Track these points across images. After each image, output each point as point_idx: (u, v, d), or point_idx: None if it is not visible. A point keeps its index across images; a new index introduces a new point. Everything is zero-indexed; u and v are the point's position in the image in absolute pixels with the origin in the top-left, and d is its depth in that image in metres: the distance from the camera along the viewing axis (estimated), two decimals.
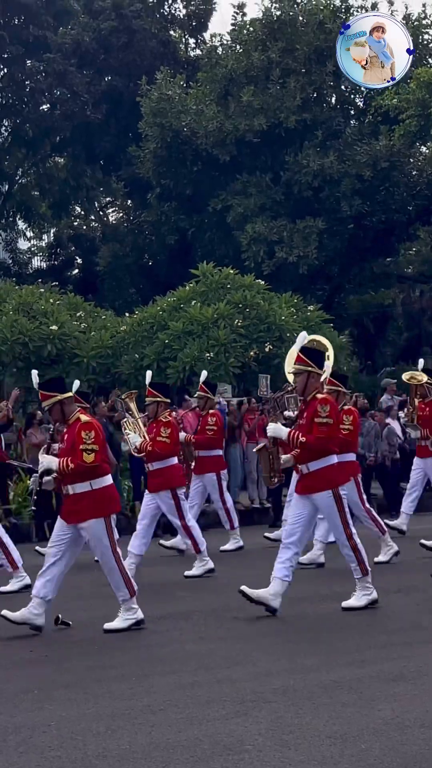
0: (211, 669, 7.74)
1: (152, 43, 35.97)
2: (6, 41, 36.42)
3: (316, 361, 10.22)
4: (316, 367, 10.17)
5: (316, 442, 9.83)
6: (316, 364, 10.19)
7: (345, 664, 7.74)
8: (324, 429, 9.85)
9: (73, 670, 7.96)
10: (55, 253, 44.39)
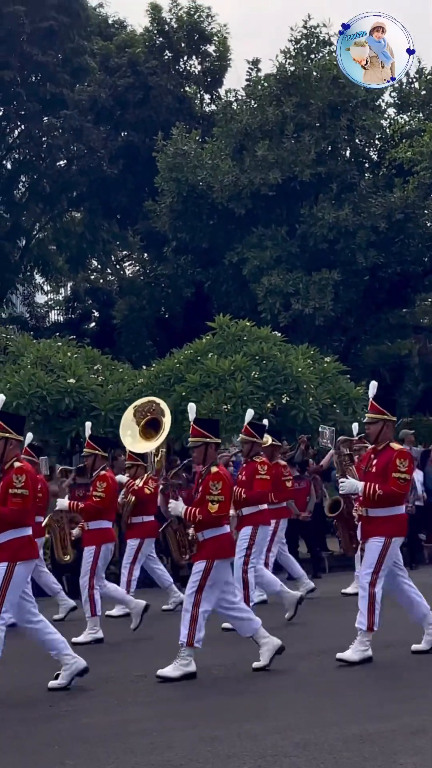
0: (232, 723, 7.71)
1: (168, 99, 36.37)
2: (23, 98, 36.90)
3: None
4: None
5: None
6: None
7: (366, 717, 7.69)
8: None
9: (94, 725, 7.93)
10: (72, 307, 44.67)
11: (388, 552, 9.87)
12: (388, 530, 9.89)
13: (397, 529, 10.04)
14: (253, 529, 12.60)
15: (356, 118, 30.21)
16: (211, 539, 9.86)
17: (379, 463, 9.99)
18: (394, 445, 10.08)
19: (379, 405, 10.24)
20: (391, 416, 10.19)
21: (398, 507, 10.02)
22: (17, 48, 36.15)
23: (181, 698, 8.76)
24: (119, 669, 10.10)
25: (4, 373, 23.32)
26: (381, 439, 10.13)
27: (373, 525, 9.96)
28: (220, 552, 9.81)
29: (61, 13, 36.88)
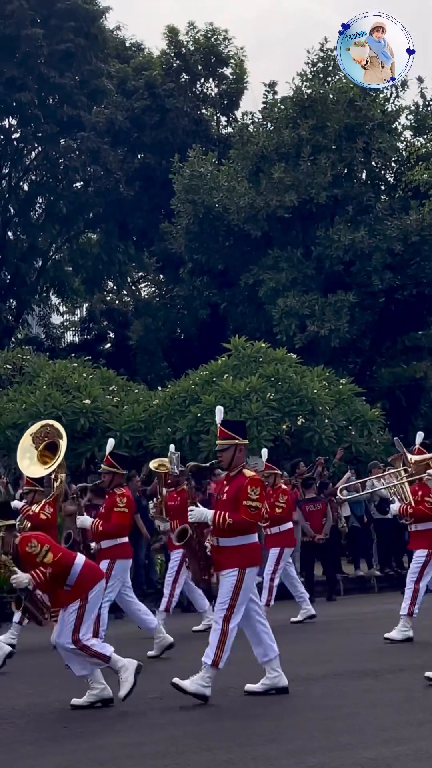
0: (246, 746, 7.66)
1: (184, 121, 36.53)
2: (41, 120, 37.09)
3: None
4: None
5: None
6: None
7: (381, 741, 7.65)
8: None
9: (107, 746, 7.90)
10: (88, 328, 44.77)
11: (243, 584, 9.43)
12: (240, 561, 9.47)
13: (249, 559, 9.60)
14: (110, 563, 12.19)
15: (372, 140, 30.28)
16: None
17: (230, 491, 9.62)
18: (247, 472, 9.68)
19: (228, 430, 9.82)
20: (242, 440, 9.77)
21: (250, 536, 9.61)
22: (35, 70, 36.36)
23: (196, 721, 8.72)
24: (134, 690, 10.06)
25: (20, 393, 23.39)
26: (233, 465, 9.75)
27: (224, 555, 9.57)
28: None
29: (79, 36, 37.10)
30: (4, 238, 40.11)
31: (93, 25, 38.28)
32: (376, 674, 10.32)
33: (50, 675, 11.59)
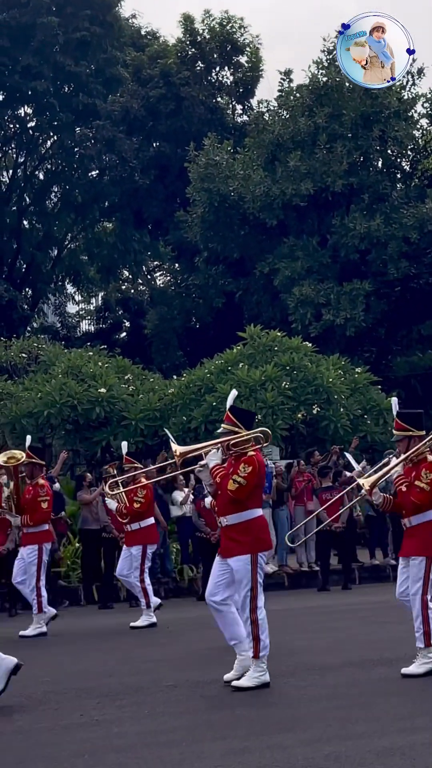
0: (262, 735, 7.67)
1: (200, 109, 36.45)
2: (56, 109, 37.08)
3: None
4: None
5: None
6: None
7: (397, 730, 7.65)
8: None
9: (124, 734, 7.92)
10: (104, 317, 44.79)
11: None
12: None
13: None
14: None
15: (388, 128, 30.18)
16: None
17: None
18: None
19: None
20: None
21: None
22: (50, 58, 36.34)
23: (211, 709, 8.74)
24: (150, 679, 10.09)
25: (36, 382, 23.42)
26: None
27: None
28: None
29: (95, 24, 37.06)
30: (20, 227, 40.14)
31: (108, 14, 38.23)
32: (392, 663, 10.31)
33: (66, 663, 11.63)
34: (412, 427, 10.19)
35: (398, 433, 10.25)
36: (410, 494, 9.92)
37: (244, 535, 9.59)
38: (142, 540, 14.81)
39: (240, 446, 9.76)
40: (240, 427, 9.80)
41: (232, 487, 9.56)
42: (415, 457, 10.03)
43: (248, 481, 9.57)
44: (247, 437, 9.80)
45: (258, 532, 9.69)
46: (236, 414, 9.98)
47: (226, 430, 9.88)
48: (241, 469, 9.58)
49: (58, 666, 11.40)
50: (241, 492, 9.57)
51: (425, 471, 9.89)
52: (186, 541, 19.50)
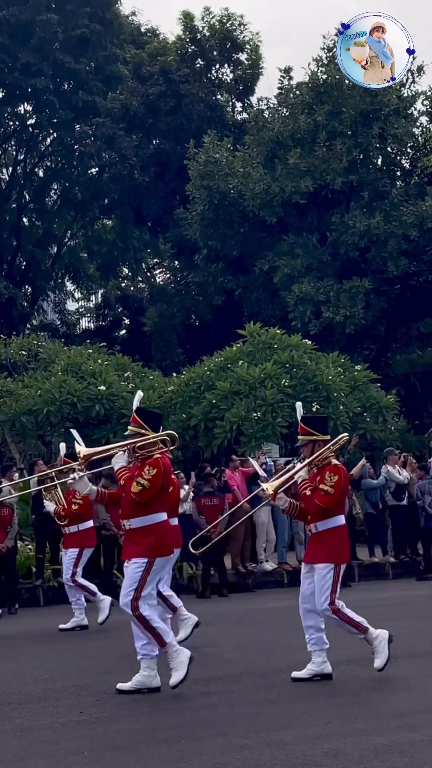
0: (261, 732, 7.69)
1: (200, 107, 36.45)
2: (56, 106, 37.08)
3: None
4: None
5: None
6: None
7: (396, 727, 7.66)
8: None
9: (124, 731, 7.93)
10: (103, 314, 44.80)
11: None
12: None
13: None
14: None
15: (388, 126, 30.18)
16: None
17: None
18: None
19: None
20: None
21: None
22: (50, 56, 36.34)
23: (210, 706, 8.75)
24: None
25: (36, 379, 23.43)
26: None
27: None
28: None
29: (94, 21, 37.06)
30: (20, 224, 40.14)
31: (108, 11, 38.24)
32: (391, 660, 10.31)
33: (66, 660, 11.64)
34: (316, 432, 10.08)
35: (302, 437, 10.11)
36: (315, 498, 9.79)
37: (146, 538, 9.46)
38: (80, 543, 14.56)
39: (146, 449, 9.59)
40: (147, 429, 9.64)
41: (135, 490, 9.40)
42: (319, 462, 9.93)
43: (152, 483, 9.40)
44: (153, 440, 9.64)
45: (161, 536, 9.56)
46: (142, 416, 9.82)
47: (132, 432, 9.72)
48: (146, 472, 9.42)
49: (57, 663, 11.41)
50: (145, 495, 9.41)
51: (329, 474, 9.78)
52: (186, 539, 19.47)
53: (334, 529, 9.89)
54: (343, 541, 9.95)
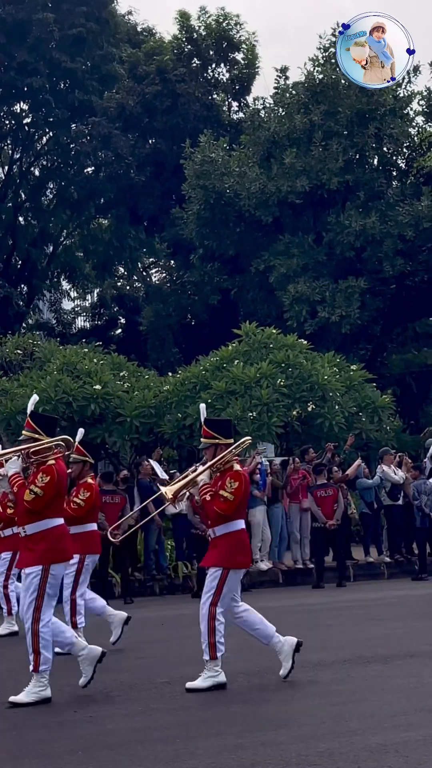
0: (256, 731, 7.69)
1: (196, 106, 36.46)
2: (52, 105, 37.06)
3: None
4: None
5: None
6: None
7: (391, 727, 7.66)
8: None
9: (118, 731, 7.93)
10: (99, 313, 44.81)
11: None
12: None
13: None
14: None
15: (384, 126, 30.21)
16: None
17: None
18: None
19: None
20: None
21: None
22: (46, 55, 36.33)
23: (205, 706, 8.75)
24: (144, 675, 10.11)
25: (31, 378, 23.41)
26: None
27: None
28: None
29: (90, 21, 37.05)
30: (16, 223, 40.13)
31: (104, 10, 38.23)
32: (386, 660, 10.33)
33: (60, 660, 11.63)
34: (219, 435, 9.91)
35: (205, 440, 9.97)
36: (214, 503, 9.65)
37: (39, 544, 9.26)
38: (12, 546, 14.01)
39: (41, 454, 9.40)
40: (41, 434, 9.44)
41: (28, 498, 9.22)
42: (221, 465, 9.81)
43: (45, 492, 9.23)
44: (48, 445, 9.44)
45: (55, 541, 9.34)
46: (36, 420, 9.62)
47: (25, 437, 9.54)
48: (39, 479, 9.25)
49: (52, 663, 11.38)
50: (38, 503, 9.24)
51: (230, 480, 9.64)
52: (181, 538, 19.50)
53: (232, 533, 9.72)
54: (238, 546, 9.75)
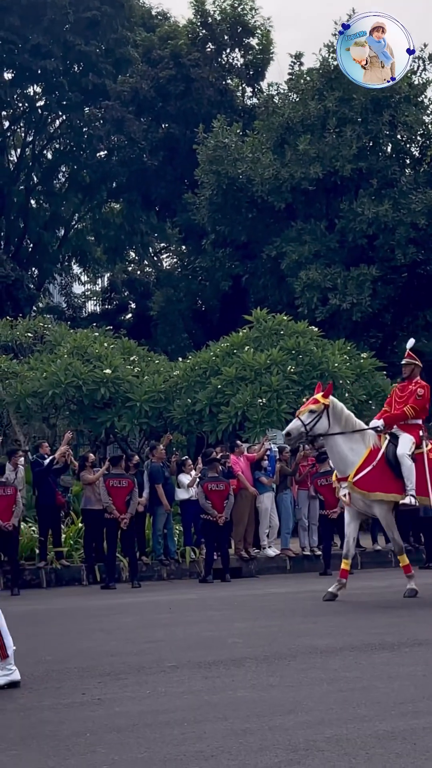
0: (263, 716, 7.68)
1: (209, 91, 36.36)
2: (65, 89, 37.00)
3: None
4: None
5: None
6: None
7: (398, 714, 7.65)
8: None
9: (125, 714, 7.93)
10: (109, 298, 44.80)
11: None
12: None
13: None
14: None
15: (398, 113, 30.10)
16: None
17: None
18: None
19: None
20: None
21: None
22: (60, 38, 36.26)
23: (213, 690, 8.74)
24: (152, 659, 10.11)
25: (41, 362, 23.43)
26: None
27: None
28: None
29: (105, 4, 36.98)
30: (27, 206, 40.11)
31: None
32: (394, 647, 10.32)
33: (69, 642, 11.65)
34: None
35: None
36: None
37: None
38: None
39: None
40: None
41: None
42: None
43: None
44: None
45: None
46: None
47: None
48: None
49: (61, 645, 11.42)
50: None
51: None
52: (189, 523, 19.52)
53: None
54: None
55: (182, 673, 9.40)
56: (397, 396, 14.65)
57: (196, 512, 18.78)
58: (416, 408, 14.29)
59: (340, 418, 14.25)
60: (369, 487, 13.95)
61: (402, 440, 14.10)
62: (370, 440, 14.18)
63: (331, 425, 14.13)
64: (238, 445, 19.93)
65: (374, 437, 14.20)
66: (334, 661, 9.82)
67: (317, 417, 14.03)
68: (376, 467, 13.94)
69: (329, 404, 14.20)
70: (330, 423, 14.12)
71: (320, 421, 14.05)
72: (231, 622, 12.73)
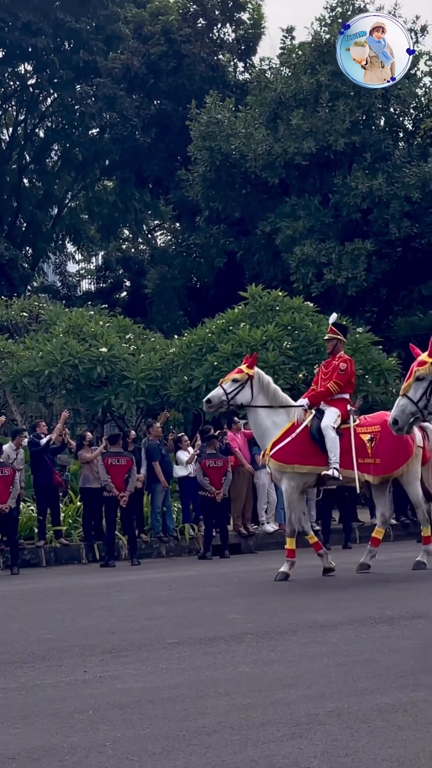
0: (265, 691, 7.71)
1: (201, 67, 36.19)
2: (56, 66, 36.83)
3: None
4: None
5: None
6: None
7: (399, 687, 7.68)
8: None
9: (128, 690, 7.96)
10: (104, 276, 44.72)
11: None
12: None
13: None
14: None
15: (391, 87, 29.91)
16: None
17: None
18: None
19: None
20: None
21: None
22: (50, 15, 36.09)
23: (214, 666, 8.78)
24: (152, 636, 10.14)
25: (37, 341, 23.44)
26: None
27: None
28: None
29: None
30: (20, 185, 39.99)
31: None
32: (393, 621, 10.36)
33: (69, 620, 11.69)
34: None
35: None
36: None
37: None
38: None
39: None
40: None
41: None
42: None
43: None
44: None
45: None
46: None
47: None
48: None
49: (61, 623, 11.45)
50: None
51: None
52: (188, 500, 19.57)
53: None
54: None
55: (183, 649, 9.44)
56: (323, 373, 14.61)
57: (195, 489, 18.83)
58: (340, 383, 14.19)
59: (267, 391, 14.27)
60: (285, 459, 13.96)
61: (327, 413, 14.07)
62: (294, 415, 14.17)
63: (254, 396, 14.15)
64: (236, 422, 19.95)
65: (300, 413, 14.17)
66: (334, 635, 9.85)
67: (240, 386, 14.06)
68: (296, 439, 13.92)
69: (254, 375, 14.20)
70: (253, 394, 14.13)
71: (243, 391, 14.08)
72: (231, 598, 12.77)
